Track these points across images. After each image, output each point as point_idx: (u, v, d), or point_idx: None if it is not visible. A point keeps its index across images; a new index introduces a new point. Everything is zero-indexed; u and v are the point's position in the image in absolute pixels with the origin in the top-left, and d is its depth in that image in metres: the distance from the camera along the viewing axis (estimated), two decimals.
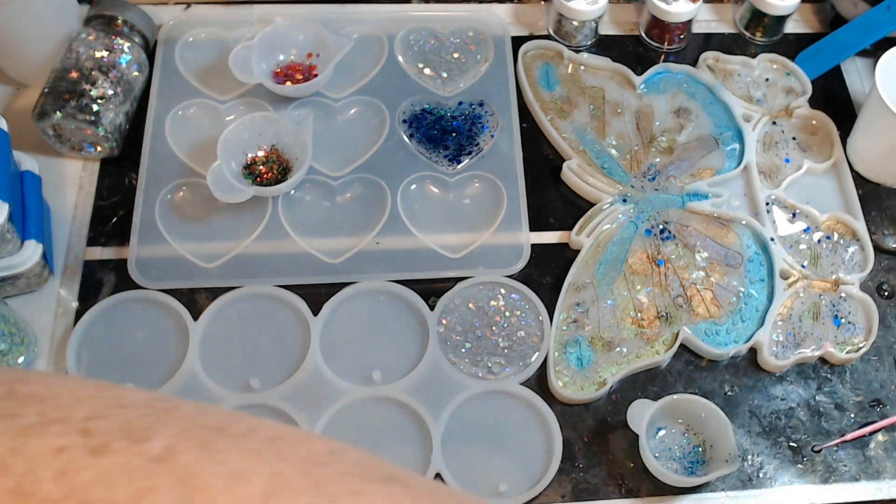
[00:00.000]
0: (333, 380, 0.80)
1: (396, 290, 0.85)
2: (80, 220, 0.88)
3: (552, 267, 0.88)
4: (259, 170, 0.89)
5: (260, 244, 0.87)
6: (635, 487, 0.77)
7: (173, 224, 0.88)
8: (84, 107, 0.87)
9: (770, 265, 0.88)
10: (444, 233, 0.89)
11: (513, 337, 0.83)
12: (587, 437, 0.80)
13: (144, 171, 0.90)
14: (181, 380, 0.79)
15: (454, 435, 0.78)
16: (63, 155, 0.91)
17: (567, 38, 1.02)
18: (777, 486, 0.78)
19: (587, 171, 0.92)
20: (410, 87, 0.98)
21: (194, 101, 0.95)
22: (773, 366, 0.83)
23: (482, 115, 0.96)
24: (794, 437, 0.81)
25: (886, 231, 0.92)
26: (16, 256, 0.79)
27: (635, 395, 0.82)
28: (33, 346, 0.80)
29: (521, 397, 0.80)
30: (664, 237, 0.89)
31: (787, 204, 0.92)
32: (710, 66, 1.01)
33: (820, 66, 1.02)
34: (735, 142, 0.97)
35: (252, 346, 0.82)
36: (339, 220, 0.89)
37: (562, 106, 0.98)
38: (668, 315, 0.85)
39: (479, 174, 0.92)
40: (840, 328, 0.86)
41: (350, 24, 1.01)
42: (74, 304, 0.83)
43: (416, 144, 0.94)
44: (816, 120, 0.99)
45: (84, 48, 0.90)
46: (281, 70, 0.97)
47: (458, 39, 1.02)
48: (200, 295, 0.84)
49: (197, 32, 1.00)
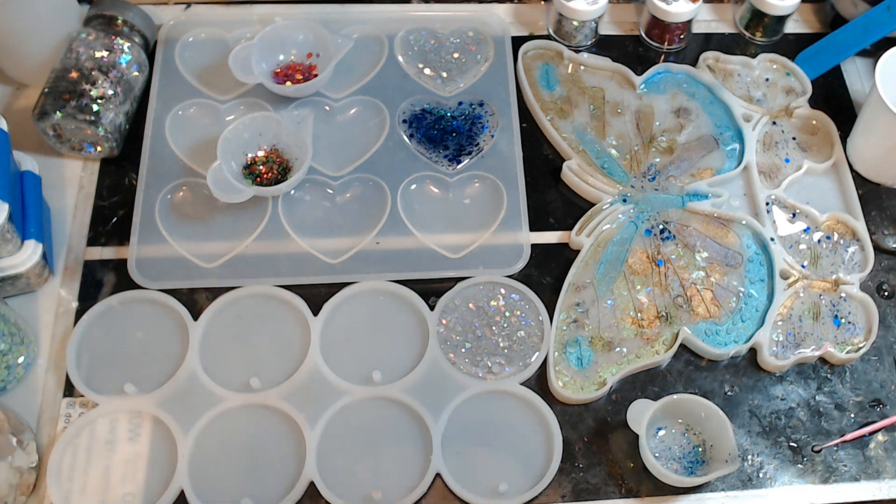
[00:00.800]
0: (333, 380, 0.80)
1: (396, 290, 0.85)
2: (80, 220, 0.88)
3: (552, 267, 0.88)
4: (259, 170, 0.89)
5: (260, 244, 0.87)
6: (635, 487, 0.78)
7: (173, 224, 0.88)
8: (84, 107, 0.87)
9: (770, 265, 0.88)
10: (444, 233, 0.89)
11: (513, 337, 0.83)
12: (587, 437, 0.80)
13: (144, 171, 0.90)
14: (181, 380, 0.79)
15: (454, 435, 0.78)
16: (63, 155, 0.91)
17: (567, 38, 1.02)
18: (777, 486, 0.79)
19: (587, 171, 0.92)
20: (410, 87, 0.98)
21: (194, 101, 0.95)
22: (773, 366, 0.83)
23: (482, 115, 0.96)
24: (794, 437, 0.81)
25: (886, 231, 0.92)
26: (16, 256, 0.79)
27: (635, 395, 0.82)
28: (33, 346, 0.80)
29: (521, 397, 0.80)
30: (664, 237, 0.89)
31: (787, 204, 0.92)
32: (710, 66, 1.01)
33: (820, 66, 1.02)
34: (735, 142, 0.97)
35: (252, 346, 0.82)
36: (339, 220, 0.89)
37: (562, 106, 0.98)
38: (668, 315, 0.85)
39: (479, 174, 0.92)
40: (840, 328, 0.86)
41: (350, 24, 1.02)
42: (74, 304, 0.84)
43: (416, 144, 0.94)
44: (816, 120, 0.99)
45: (84, 48, 0.90)
46: (281, 70, 0.97)
47: (458, 39, 1.02)
48: (200, 295, 0.84)
49: (197, 32, 1.00)
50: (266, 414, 0.79)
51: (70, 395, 0.79)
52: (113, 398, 0.78)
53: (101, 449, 0.76)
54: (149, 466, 0.76)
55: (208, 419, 0.78)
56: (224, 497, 0.75)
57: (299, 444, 0.77)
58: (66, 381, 0.79)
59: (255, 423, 0.78)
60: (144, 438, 0.77)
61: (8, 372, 0.77)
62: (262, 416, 0.79)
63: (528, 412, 0.80)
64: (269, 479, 0.76)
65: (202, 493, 0.75)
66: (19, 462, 0.73)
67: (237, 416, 0.78)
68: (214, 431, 0.78)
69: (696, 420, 0.79)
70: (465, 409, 0.80)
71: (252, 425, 0.78)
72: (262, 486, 0.75)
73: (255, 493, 0.75)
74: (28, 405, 0.78)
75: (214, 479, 0.76)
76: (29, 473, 0.74)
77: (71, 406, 0.78)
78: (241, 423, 0.78)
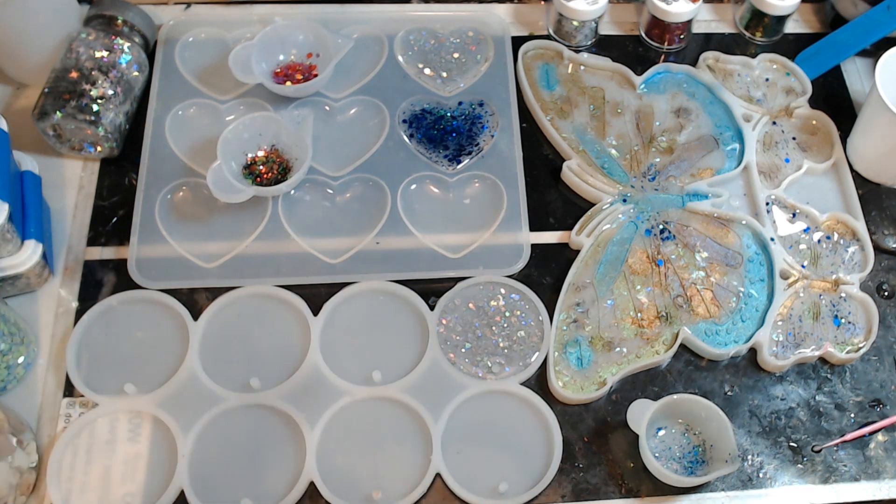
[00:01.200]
0: (333, 380, 0.80)
1: (396, 290, 0.85)
2: (80, 220, 0.88)
3: (552, 267, 0.88)
4: (259, 170, 0.89)
5: (260, 244, 0.87)
6: (635, 487, 0.78)
7: (173, 224, 0.88)
8: (84, 107, 0.87)
9: (770, 265, 0.88)
10: (444, 233, 0.89)
11: (513, 337, 0.83)
12: (587, 437, 0.80)
13: (144, 171, 0.90)
14: (181, 380, 0.79)
15: (454, 435, 0.78)
16: (63, 155, 0.91)
17: (567, 38, 1.02)
18: (777, 486, 0.79)
19: (587, 171, 0.92)
20: (410, 87, 0.98)
21: (194, 101, 0.95)
22: (773, 366, 0.83)
23: (482, 115, 0.96)
24: (794, 437, 0.81)
25: (886, 231, 0.92)
26: (16, 256, 0.79)
27: (635, 395, 0.82)
28: (33, 346, 0.80)
29: (521, 397, 0.80)
30: (664, 237, 0.89)
31: (787, 204, 0.92)
32: (710, 66, 1.01)
33: (820, 66, 1.02)
34: (735, 142, 0.97)
35: (252, 346, 0.82)
36: (339, 220, 0.89)
37: (562, 106, 0.98)
38: (668, 315, 0.85)
39: (479, 174, 0.92)
40: (840, 328, 0.86)
41: (350, 24, 1.02)
42: (74, 304, 0.84)
43: (416, 144, 0.94)
44: (816, 120, 0.99)
45: (84, 48, 0.90)
46: (281, 70, 0.97)
47: (458, 39, 1.02)
48: (200, 295, 0.84)
49: (197, 32, 1.00)
50: (266, 414, 0.79)
51: (70, 395, 0.79)
52: (113, 398, 0.78)
53: (101, 449, 0.76)
54: (149, 466, 0.76)
55: (208, 419, 0.78)
56: (224, 497, 0.75)
57: (299, 444, 0.77)
58: (66, 381, 0.79)
59: (255, 423, 0.78)
60: (144, 438, 0.77)
61: (8, 372, 0.77)
62: (262, 416, 0.79)
63: (528, 412, 0.80)
64: (269, 479, 0.76)
65: (202, 493, 0.75)
66: (19, 462, 0.73)
67: (237, 416, 0.78)
68: (214, 431, 0.78)
69: (696, 420, 0.79)
70: (465, 409, 0.80)
71: (252, 425, 0.78)
72: (262, 486, 0.75)
73: (255, 493, 0.75)
74: (28, 405, 0.78)
75: (214, 479, 0.76)
76: (29, 473, 0.74)
77: (71, 406, 0.78)
78: (241, 423, 0.78)
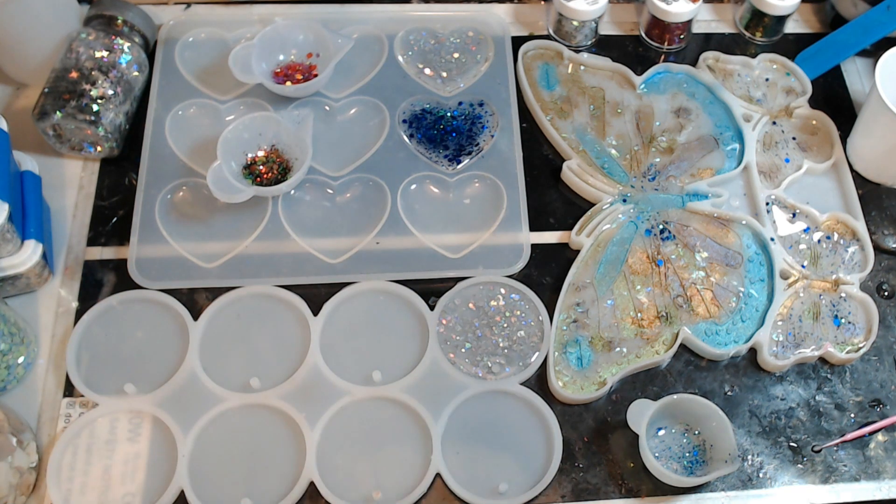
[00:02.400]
0: (333, 380, 0.80)
1: (396, 290, 0.85)
2: (80, 220, 0.88)
3: (552, 267, 0.88)
4: (259, 170, 0.89)
5: (260, 244, 0.87)
6: (635, 487, 0.78)
7: (173, 224, 0.88)
8: (84, 107, 0.87)
9: (770, 265, 0.88)
10: (444, 233, 0.89)
11: (513, 337, 0.83)
12: (587, 437, 0.80)
13: (144, 171, 0.90)
14: (181, 380, 0.79)
15: (454, 435, 0.78)
16: (63, 155, 0.91)
17: (567, 38, 1.02)
18: (777, 486, 0.79)
19: (587, 171, 0.92)
20: (410, 87, 0.98)
21: (194, 101, 0.95)
22: (773, 366, 0.83)
23: (482, 115, 0.96)
24: (794, 437, 0.81)
25: (886, 231, 0.92)
26: (16, 256, 0.79)
27: (635, 395, 0.82)
28: (33, 346, 0.80)
29: (521, 397, 0.80)
30: (664, 237, 0.89)
31: (787, 204, 0.92)
32: (710, 66, 1.01)
33: (820, 66, 1.02)
34: (735, 142, 0.97)
35: (252, 346, 0.82)
36: (339, 220, 0.89)
37: (562, 106, 0.98)
38: (668, 315, 0.85)
39: (479, 174, 0.92)
40: (840, 328, 0.86)
41: (350, 24, 1.02)
42: (74, 304, 0.84)
43: (416, 144, 0.94)
44: (816, 120, 0.99)
45: (84, 48, 0.90)
46: (281, 70, 0.97)
47: (458, 39, 1.02)
48: (200, 295, 0.84)
49: (197, 32, 1.00)
50: (266, 414, 0.79)
51: (70, 395, 0.79)
52: (113, 398, 0.78)
53: (101, 449, 0.76)
54: (149, 466, 0.76)
55: (208, 419, 0.78)
56: (224, 497, 0.75)
57: (299, 444, 0.77)
58: (66, 381, 0.79)
59: (255, 423, 0.78)
60: (144, 438, 0.77)
61: (8, 372, 0.77)
62: (262, 416, 0.79)
63: (528, 412, 0.80)
64: (269, 479, 0.76)
65: (202, 493, 0.75)
66: (19, 462, 0.73)
67: (237, 416, 0.78)
68: (214, 431, 0.78)
69: (696, 420, 0.79)
70: (464, 409, 0.80)
71: (252, 425, 0.78)
72: (262, 486, 0.75)
73: (255, 493, 0.75)
74: (28, 405, 0.78)
75: (214, 479, 0.76)
76: (29, 473, 0.74)
77: (71, 406, 0.78)
78: (241, 423, 0.78)
